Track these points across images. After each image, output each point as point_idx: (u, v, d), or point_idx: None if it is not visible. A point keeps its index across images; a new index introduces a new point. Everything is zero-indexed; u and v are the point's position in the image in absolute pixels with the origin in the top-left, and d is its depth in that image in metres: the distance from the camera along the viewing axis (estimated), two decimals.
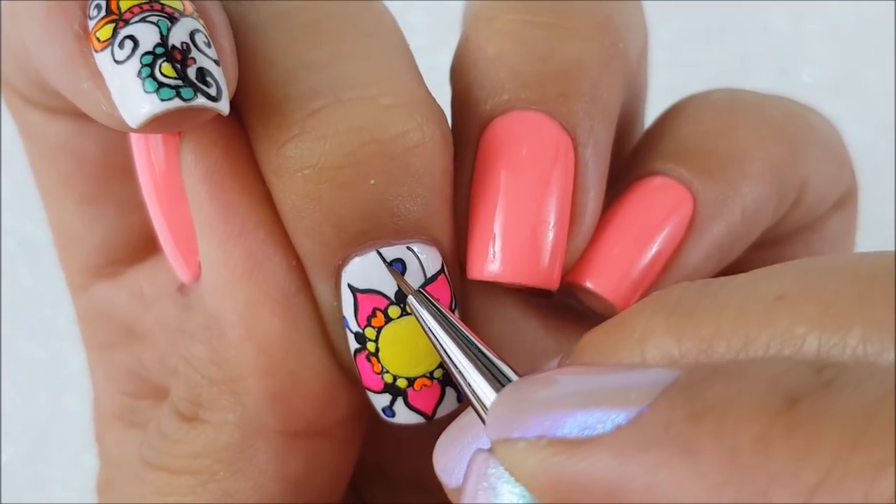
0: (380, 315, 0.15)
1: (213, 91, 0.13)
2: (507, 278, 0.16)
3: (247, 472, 0.16)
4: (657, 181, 0.17)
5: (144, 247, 0.19)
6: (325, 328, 0.16)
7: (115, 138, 0.18)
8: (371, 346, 0.15)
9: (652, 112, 0.21)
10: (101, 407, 0.20)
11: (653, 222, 0.17)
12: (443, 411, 0.16)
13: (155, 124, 0.13)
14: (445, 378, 0.16)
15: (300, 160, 0.14)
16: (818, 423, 0.09)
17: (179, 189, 0.15)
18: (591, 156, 0.16)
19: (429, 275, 0.15)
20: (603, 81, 0.16)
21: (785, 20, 0.40)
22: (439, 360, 0.15)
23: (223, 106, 0.14)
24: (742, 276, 0.12)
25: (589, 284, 0.17)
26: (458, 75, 0.16)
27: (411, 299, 0.14)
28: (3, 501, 0.34)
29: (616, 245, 0.17)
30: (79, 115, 0.18)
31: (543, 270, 0.16)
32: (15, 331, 0.36)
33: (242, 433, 0.16)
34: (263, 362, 0.15)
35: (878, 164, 0.37)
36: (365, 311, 0.15)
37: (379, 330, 0.15)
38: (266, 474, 0.16)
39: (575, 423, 0.11)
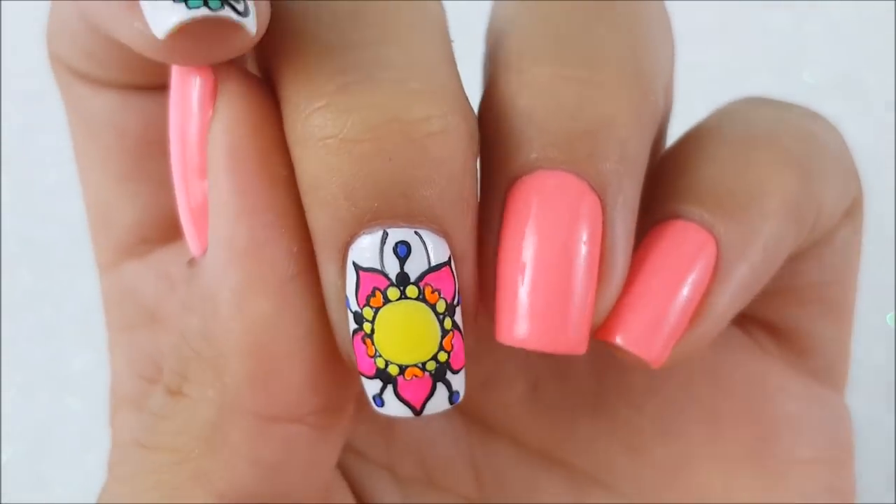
0: (379, 295, 0.15)
1: (240, 7, 0.14)
2: (534, 345, 0.16)
3: (221, 452, 0.16)
4: (679, 225, 0.17)
5: (175, 227, 0.19)
6: (324, 311, 0.16)
7: (156, 114, 0.18)
8: (367, 327, 0.15)
9: None
10: (117, 389, 0.20)
11: (679, 270, 0.17)
12: (432, 408, 0.16)
13: (183, 39, 0.14)
14: (438, 373, 0.16)
15: (323, 130, 0.15)
16: None
17: (204, 162, 0.15)
18: (619, 215, 0.16)
19: (433, 263, 0.15)
20: (633, 138, 0.16)
21: (785, 20, 0.40)
22: (433, 351, 0.15)
23: (250, 23, 0.14)
24: None
25: (619, 341, 0.17)
26: (485, 125, 0.16)
27: None
28: (3, 501, 0.34)
29: (644, 297, 0.17)
30: (123, 89, 0.18)
31: (571, 338, 0.16)
32: (15, 331, 0.36)
33: (219, 410, 0.16)
34: (247, 343, 0.15)
35: (878, 164, 0.37)
36: (365, 290, 0.15)
37: (376, 311, 0.15)
38: (239, 455, 0.16)
39: None
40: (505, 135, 0.16)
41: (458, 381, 0.16)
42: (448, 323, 0.15)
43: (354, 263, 0.15)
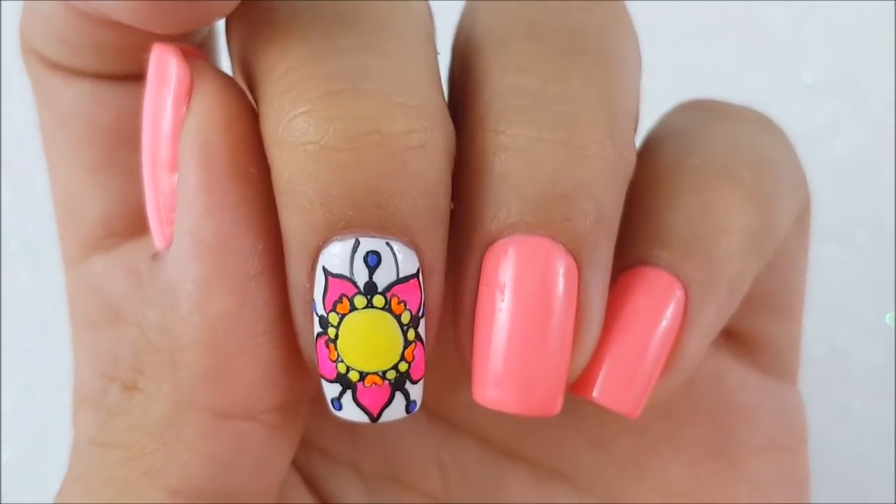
0: (346, 302, 0.15)
1: None
2: (508, 409, 0.16)
3: (174, 448, 0.16)
4: (647, 273, 0.17)
5: (144, 220, 0.19)
6: (284, 310, 0.16)
7: (128, 106, 0.19)
8: (332, 332, 0.16)
9: (653, 112, 0.21)
10: (79, 388, 0.21)
11: (651, 322, 0.17)
12: (389, 416, 0.16)
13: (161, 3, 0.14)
14: (397, 382, 0.16)
15: (305, 135, 0.15)
16: None
17: (175, 156, 0.16)
18: (594, 275, 0.16)
19: (402, 275, 0.15)
20: (608, 197, 0.16)
21: (785, 20, 0.40)
22: (394, 360, 0.16)
23: None
24: None
25: (596, 396, 0.17)
26: (461, 183, 0.16)
27: None
28: (3, 501, 0.34)
29: (618, 352, 0.17)
30: (95, 78, 0.18)
31: (545, 402, 0.16)
32: (15, 331, 0.36)
33: (173, 405, 0.16)
34: (206, 338, 0.16)
35: (878, 164, 0.37)
36: (332, 296, 0.15)
37: (342, 317, 0.15)
38: (192, 450, 0.16)
39: None
40: (480, 194, 0.16)
41: (416, 392, 0.16)
42: (411, 334, 0.16)
43: (324, 268, 0.15)
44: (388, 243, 0.15)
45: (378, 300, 0.15)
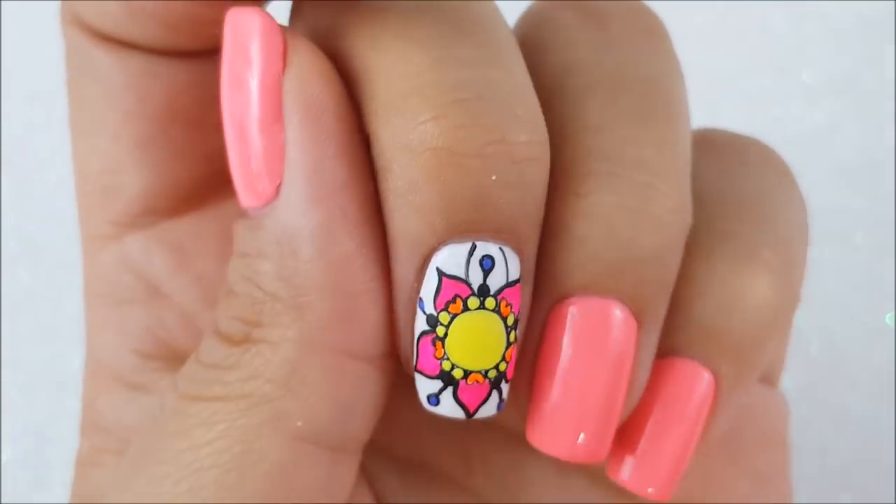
0: (459, 302, 0.16)
1: None
2: (559, 455, 0.17)
3: (299, 391, 0.16)
4: (680, 365, 0.18)
5: (188, 199, 0.20)
6: (394, 303, 0.17)
7: (185, 80, 0.19)
8: (441, 331, 0.16)
9: None
10: (101, 367, 0.20)
11: (688, 414, 0.18)
12: (483, 412, 0.17)
13: None
14: (496, 381, 0.16)
15: (436, 139, 0.15)
16: None
17: (273, 113, 0.16)
18: (650, 336, 0.17)
19: (510, 279, 0.16)
20: (673, 263, 0.17)
21: (784, 20, 0.40)
22: (497, 360, 0.16)
23: None
24: None
25: (651, 493, 0.18)
26: (542, 238, 0.17)
27: None
28: (3, 501, 0.34)
29: (661, 446, 0.18)
30: (150, 53, 0.18)
31: (592, 451, 0.17)
32: (15, 331, 0.36)
33: (300, 350, 0.16)
34: (331, 280, 0.16)
35: (878, 164, 0.37)
36: (446, 296, 0.16)
37: (454, 317, 0.16)
38: (318, 394, 0.16)
39: None
40: (559, 255, 0.17)
41: (506, 390, 0.17)
42: (512, 336, 0.16)
43: (438, 269, 0.16)
44: (500, 248, 0.16)
45: (490, 302, 0.16)
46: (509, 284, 0.16)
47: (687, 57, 0.19)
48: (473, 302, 0.16)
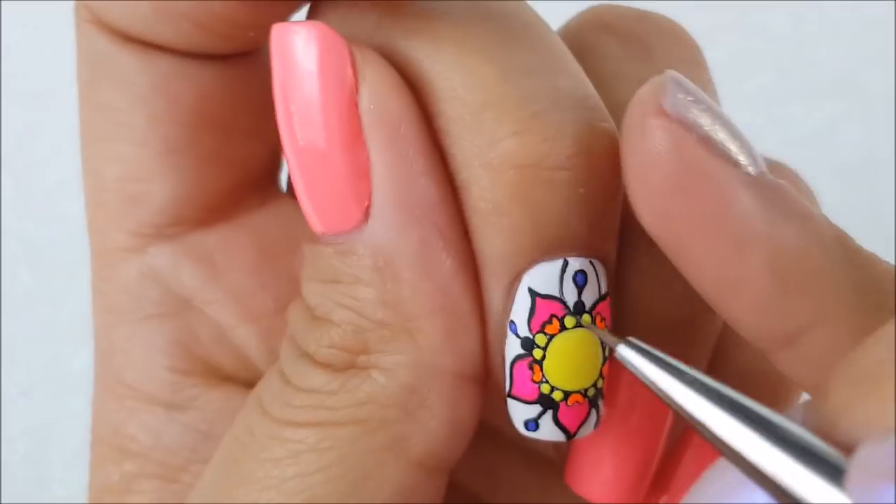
0: (556, 322, 0.15)
1: None
2: (595, 497, 0.17)
3: (418, 416, 0.16)
4: None
5: (218, 209, 0.19)
6: (488, 333, 0.16)
7: (215, 84, 0.18)
8: (538, 354, 0.15)
9: None
10: (128, 389, 0.19)
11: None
12: (582, 432, 0.16)
13: None
14: (594, 399, 0.16)
15: (520, 157, 0.15)
16: None
17: (351, 133, 0.15)
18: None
19: (603, 292, 0.16)
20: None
21: (785, 20, 0.40)
22: (595, 378, 0.16)
23: None
24: None
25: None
26: None
27: (623, 349, 0.14)
28: (3, 501, 0.34)
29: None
30: (179, 55, 0.18)
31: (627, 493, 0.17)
32: (15, 331, 0.36)
33: (416, 375, 0.16)
34: (438, 302, 0.15)
35: (879, 164, 0.37)
36: (541, 317, 0.15)
37: (551, 337, 0.15)
38: (437, 417, 0.16)
39: None
40: None
41: (601, 408, 0.16)
42: (607, 351, 0.16)
43: (531, 290, 0.15)
44: (591, 262, 0.15)
45: (586, 319, 0.16)
46: (601, 299, 0.16)
47: None
48: (570, 321, 0.15)
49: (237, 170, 0.19)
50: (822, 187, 0.23)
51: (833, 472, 0.11)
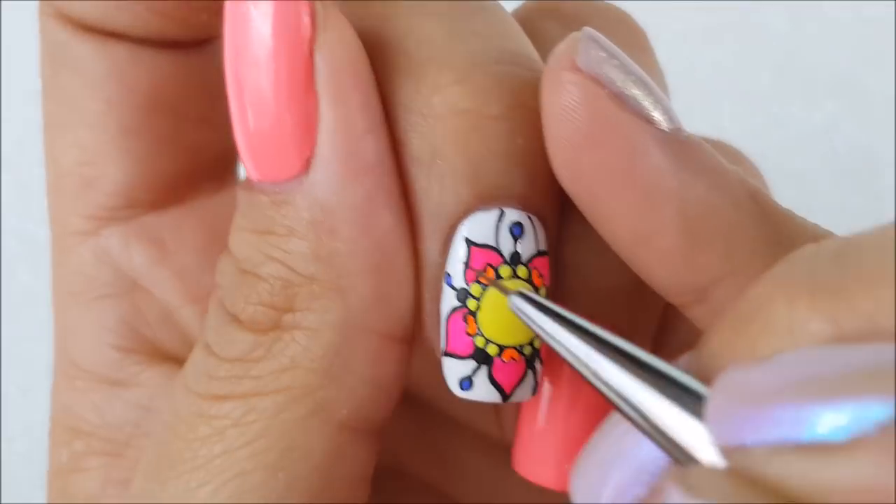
0: (490, 272, 0.15)
1: None
2: (547, 483, 0.17)
3: (342, 379, 0.15)
4: None
5: (170, 192, 0.19)
6: (420, 283, 0.16)
7: (170, 71, 0.18)
8: (472, 304, 0.15)
9: None
10: (77, 369, 0.19)
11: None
12: (518, 395, 0.16)
13: None
14: (530, 359, 0.16)
15: (460, 102, 0.15)
16: None
17: (303, 82, 0.15)
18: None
19: (541, 248, 0.15)
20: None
21: (784, 20, 0.40)
22: (532, 336, 0.15)
23: None
24: (881, 234, 0.11)
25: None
26: None
27: (515, 298, 0.14)
28: (3, 501, 0.34)
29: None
30: (135, 42, 0.18)
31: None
32: (15, 331, 0.36)
33: (342, 335, 0.15)
34: (376, 259, 0.15)
35: (879, 164, 0.37)
36: (476, 266, 0.15)
37: (486, 287, 0.15)
38: (362, 379, 0.15)
39: (824, 423, 0.10)
40: None
41: (540, 372, 0.16)
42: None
43: (467, 239, 0.15)
44: (529, 216, 0.15)
45: (522, 271, 0.15)
46: (539, 254, 0.15)
47: (687, 57, 0.19)
48: (505, 270, 0.15)
49: (191, 155, 0.19)
50: (822, 187, 0.23)
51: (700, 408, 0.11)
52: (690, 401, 0.12)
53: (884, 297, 0.10)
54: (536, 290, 0.15)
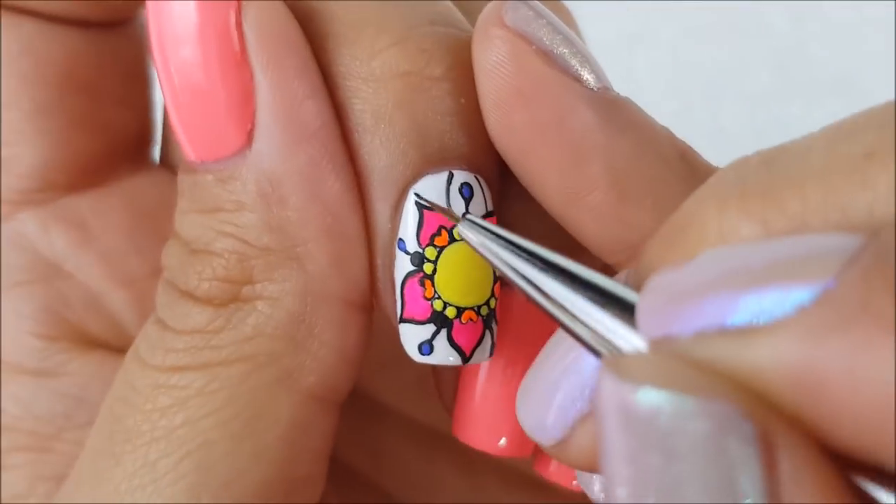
0: (444, 234, 0.15)
1: None
2: (487, 449, 0.17)
3: (307, 346, 0.15)
4: None
5: (89, 173, 0.19)
6: (372, 251, 0.16)
7: (84, 48, 0.18)
8: (428, 268, 0.15)
9: (652, 112, 0.21)
10: (1, 360, 0.19)
11: None
12: (477, 357, 0.16)
13: None
14: (488, 319, 0.16)
15: (401, 65, 0.15)
16: None
17: (233, 55, 0.15)
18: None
19: (489, 208, 0.15)
20: None
21: (785, 20, 0.40)
22: (488, 295, 0.15)
23: None
24: (808, 139, 0.12)
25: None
26: None
27: (462, 227, 0.14)
28: (3, 502, 0.34)
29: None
30: (46, 18, 0.18)
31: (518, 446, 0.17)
32: None
33: (303, 302, 0.15)
34: (328, 224, 0.15)
35: None
36: (430, 229, 0.15)
37: (441, 249, 0.15)
38: (327, 345, 0.15)
39: (747, 308, 0.10)
40: None
41: (495, 333, 0.16)
42: (497, 272, 0.15)
43: (418, 203, 0.15)
44: (476, 177, 0.15)
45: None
46: (488, 215, 0.15)
47: (687, 57, 0.19)
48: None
49: (108, 135, 0.19)
50: None
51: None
52: (629, 312, 0.12)
53: (810, 196, 0.11)
54: None
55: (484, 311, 0.15)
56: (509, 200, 0.16)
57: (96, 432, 0.16)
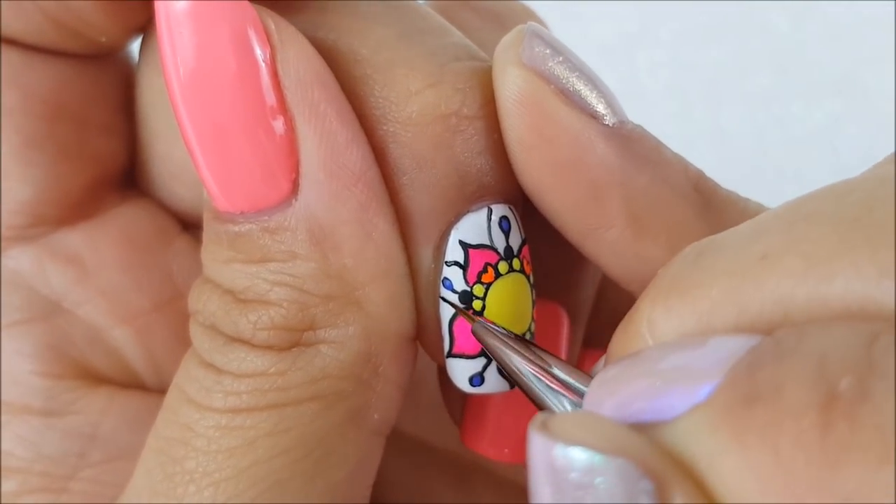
0: (490, 271, 0.15)
1: None
2: (497, 457, 0.17)
3: (372, 384, 0.15)
4: None
5: (80, 206, 0.18)
6: (418, 294, 0.16)
7: (70, 78, 0.18)
8: (477, 305, 0.15)
9: (654, 111, 0.21)
10: (2, 400, 0.18)
11: None
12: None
13: None
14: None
15: (439, 108, 0.15)
16: (853, 430, 0.10)
17: (268, 105, 0.15)
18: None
19: (523, 236, 0.16)
20: None
21: (785, 20, 0.40)
22: (530, 321, 0.16)
23: None
24: (731, 233, 0.13)
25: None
26: None
27: (477, 327, 0.15)
28: (3, 501, 0.34)
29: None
30: (29, 49, 0.17)
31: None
32: None
33: (368, 343, 0.15)
34: (382, 266, 0.15)
35: None
36: (476, 267, 0.15)
37: (488, 286, 0.15)
38: (390, 382, 0.16)
39: (653, 409, 0.11)
40: None
41: None
42: (534, 293, 0.16)
43: (462, 242, 0.15)
44: (510, 208, 0.16)
45: (516, 263, 0.16)
46: (524, 243, 0.16)
47: (687, 57, 0.19)
48: (503, 266, 0.15)
49: (96, 166, 0.18)
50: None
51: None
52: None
53: (715, 296, 0.12)
54: (528, 277, 0.16)
55: (528, 336, 0.16)
56: (531, 212, 0.17)
57: (146, 475, 0.16)
